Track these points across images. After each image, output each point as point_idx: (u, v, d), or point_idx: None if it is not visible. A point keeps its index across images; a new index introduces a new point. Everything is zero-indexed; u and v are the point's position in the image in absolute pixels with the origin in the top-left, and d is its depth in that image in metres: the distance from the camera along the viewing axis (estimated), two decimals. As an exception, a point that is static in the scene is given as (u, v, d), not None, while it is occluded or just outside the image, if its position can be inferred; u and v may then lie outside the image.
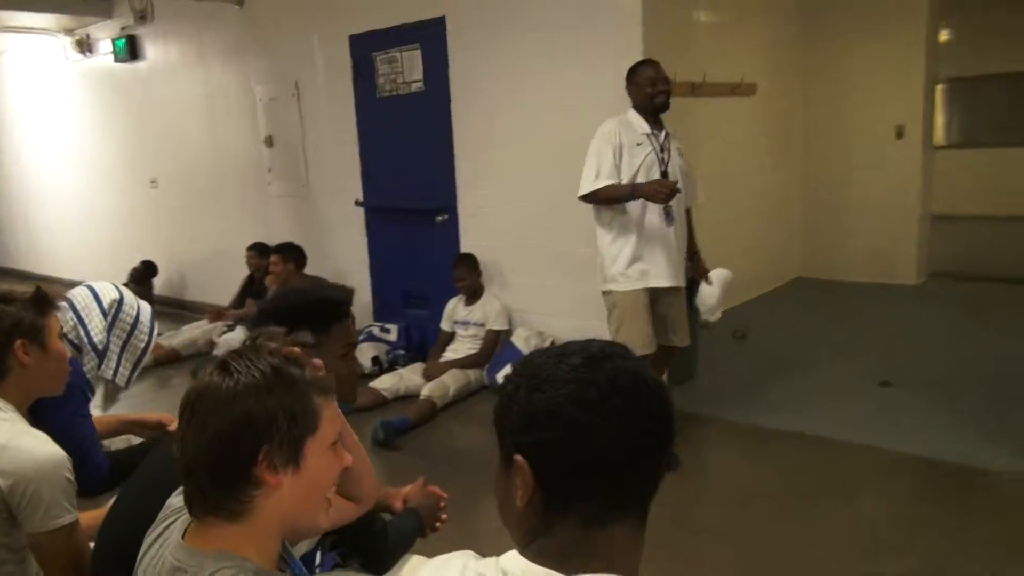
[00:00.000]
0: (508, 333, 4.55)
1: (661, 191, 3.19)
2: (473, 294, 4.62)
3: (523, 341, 4.35)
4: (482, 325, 4.58)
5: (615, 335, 3.36)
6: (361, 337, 4.86)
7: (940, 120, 8.66)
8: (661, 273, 3.38)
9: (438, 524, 1.93)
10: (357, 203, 5.39)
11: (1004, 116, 9.51)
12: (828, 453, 3.49)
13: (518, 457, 0.86)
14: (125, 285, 2.38)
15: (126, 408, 2.44)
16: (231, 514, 1.04)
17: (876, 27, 6.18)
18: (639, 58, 3.86)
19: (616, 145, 3.31)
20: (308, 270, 5.28)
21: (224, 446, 1.02)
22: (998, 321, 5.31)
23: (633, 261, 3.37)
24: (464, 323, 4.65)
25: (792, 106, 6.57)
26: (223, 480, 1.03)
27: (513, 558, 0.85)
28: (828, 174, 6.66)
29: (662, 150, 3.37)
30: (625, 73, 3.74)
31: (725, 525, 3.00)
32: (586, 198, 3.38)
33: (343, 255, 5.61)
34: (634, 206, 3.33)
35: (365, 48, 5.12)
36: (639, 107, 3.42)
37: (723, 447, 3.82)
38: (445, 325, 4.71)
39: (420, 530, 1.86)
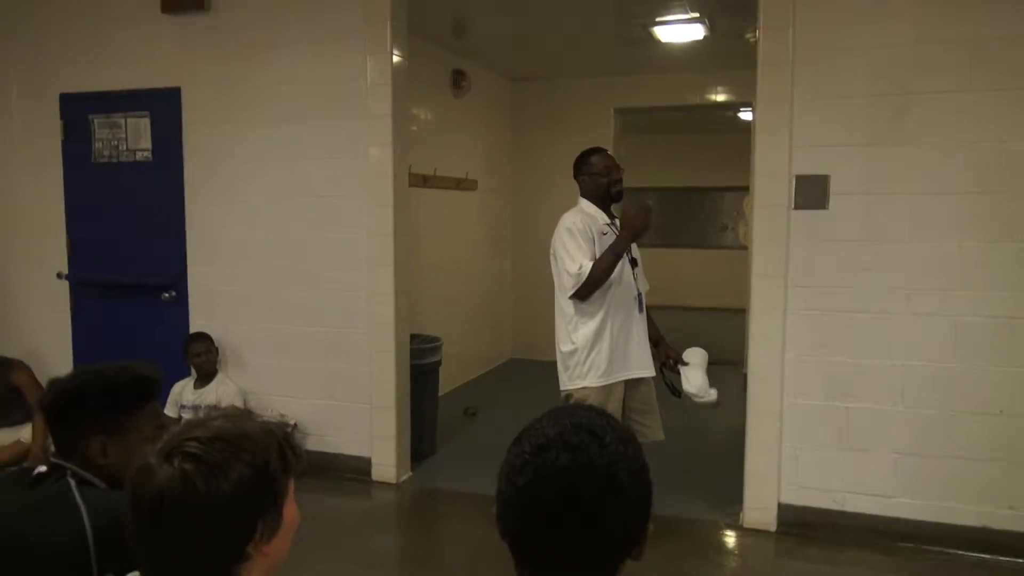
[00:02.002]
0: (243, 417, 4.34)
1: (639, 218, 3.07)
2: (207, 375, 4.35)
3: (262, 424, 4.19)
4: (214, 408, 4.31)
5: None
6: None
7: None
8: (639, 363, 3.21)
9: None
10: (60, 276, 4.82)
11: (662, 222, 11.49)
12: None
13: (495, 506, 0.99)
14: None
15: None
16: None
17: (575, 138, 7.14)
18: (390, 151, 4.10)
19: (590, 236, 3.12)
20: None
21: (219, 540, 0.97)
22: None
23: (609, 353, 3.13)
24: (193, 407, 4.33)
25: (504, 202, 7.28)
26: (213, 569, 0.98)
27: None
28: (532, 264, 7.42)
29: None
30: (363, 161, 3.91)
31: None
32: (579, 291, 3.09)
33: (37, 333, 4.92)
34: (610, 297, 3.14)
35: (80, 109, 4.70)
36: (593, 197, 3.27)
37: (456, 517, 4.07)
38: (170, 411, 4.35)
39: None
